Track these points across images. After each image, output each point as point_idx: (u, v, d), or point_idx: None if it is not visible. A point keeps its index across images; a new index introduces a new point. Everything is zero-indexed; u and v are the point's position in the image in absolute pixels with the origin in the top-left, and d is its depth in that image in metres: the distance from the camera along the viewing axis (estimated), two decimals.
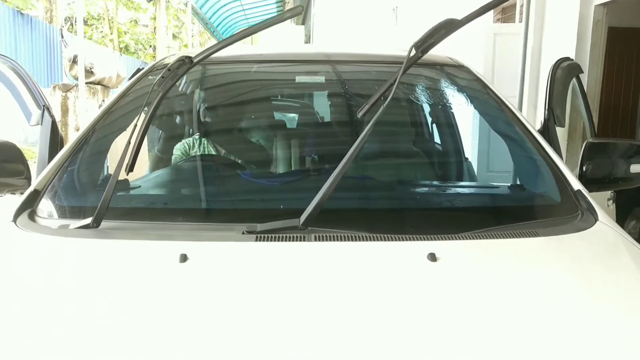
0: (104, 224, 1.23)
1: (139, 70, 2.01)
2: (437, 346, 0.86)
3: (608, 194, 2.70)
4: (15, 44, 10.81)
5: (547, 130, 2.12)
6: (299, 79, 2.13)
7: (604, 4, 4.01)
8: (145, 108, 1.32)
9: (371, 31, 9.16)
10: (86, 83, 8.90)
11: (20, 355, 0.84)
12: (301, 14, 1.14)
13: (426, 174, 1.98)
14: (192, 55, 1.28)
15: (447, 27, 1.16)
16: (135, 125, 1.27)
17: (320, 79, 2.12)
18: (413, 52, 1.20)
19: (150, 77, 1.86)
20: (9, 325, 0.91)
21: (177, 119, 2.40)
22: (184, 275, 1.05)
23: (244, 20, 15.50)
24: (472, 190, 1.65)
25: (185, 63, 1.21)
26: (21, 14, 11.45)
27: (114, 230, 1.24)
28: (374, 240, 1.17)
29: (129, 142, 1.24)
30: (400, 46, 2.07)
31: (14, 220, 1.29)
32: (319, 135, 2.05)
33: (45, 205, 1.38)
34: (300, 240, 1.16)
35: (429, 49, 1.19)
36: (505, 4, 5.41)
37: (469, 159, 2.54)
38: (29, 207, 1.36)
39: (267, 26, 1.23)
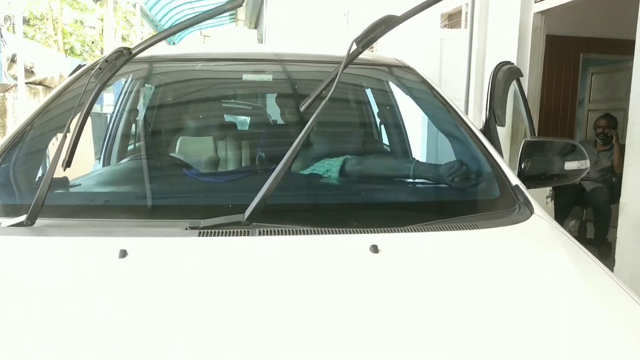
0: (40, 221, 1.19)
1: (80, 66, 1.95)
2: (377, 336, 0.87)
3: (547, 192, 2.82)
4: None
5: (488, 130, 2.20)
6: (246, 77, 2.12)
7: (542, 12, 4.21)
8: (83, 101, 1.28)
9: (323, 35, 9.23)
10: (26, 83, 8.52)
11: None
12: (241, 5, 1.13)
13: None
14: (130, 47, 1.25)
15: (386, 23, 1.19)
16: (72, 120, 1.23)
17: (268, 77, 2.12)
18: (354, 47, 1.22)
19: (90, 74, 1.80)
20: None
21: (124, 117, 2.35)
22: (123, 271, 1.02)
23: (196, 25, 15.27)
24: (414, 186, 1.69)
25: (124, 54, 1.19)
26: None
27: (50, 227, 1.19)
28: (317, 234, 1.18)
29: (64, 137, 1.20)
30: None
31: None
32: (264, 134, 2.04)
33: None
34: (245, 235, 1.16)
35: (370, 44, 1.22)
36: (452, 10, 5.59)
37: (417, 159, 2.60)
38: None
39: (207, 17, 1.22)
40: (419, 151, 2.58)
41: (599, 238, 4.66)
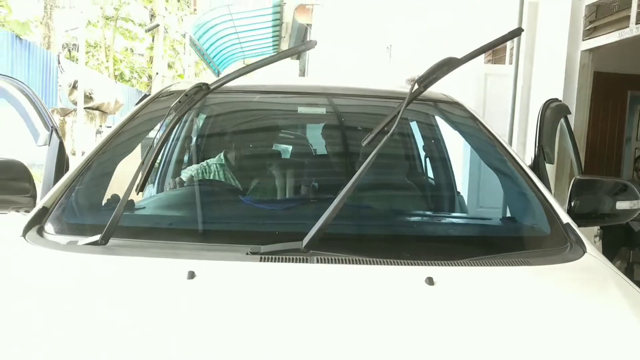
0: (112, 241, 1.27)
1: (145, 96, 2.08)
2: None
3: (595, 230, 2.78)
4: (12, 69, 10.90)
5: (537, 167, 2.20)
6: (301, 110, 2.20)
7: (589, 50, 4.20)
8: (160, 130, 1.37)
9: (365, 67, 9.37)
10: (85, 108, 8.97)
11: None
12: (314, 47, 1.21)
13: (421, 205, 2.04)
14: (209, 83, 1.35)
15: (448, 64, 1.24)
16: (150, 147, 1.33)
17: (322, 110, 2.20)
18: (416, 87, 1.27)
19: (156, 103, 1.92)
20: (21, 337, 0.94)
21: (179, 144, 2.46)
22: (192, 292, 1.09)
23: (240, 53, 15.77)
24: (466, 221, 1.72)
25: (202, 89, 1.28)
26: (19, 39, 11.59)
27: (121, 247, 1.27)
28: (373, 264, 1.22)
29: (142, 163, 1.29)
30: (394, 82, 2.16)
31: (24, 235, 1.32)
32: (319, 164, 2.11)
33: (53, 222, 1.41)
34: (303, 262, 1.20)
35: (431, 84, 1.27)
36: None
37: (461, 193, 2.61)
38: (37, 223, 1.39)
39: (282, 57, 1.30)
40: (464, 186, 2.59)
41: None
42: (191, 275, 1.11)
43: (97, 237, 1.26)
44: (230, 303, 1.06)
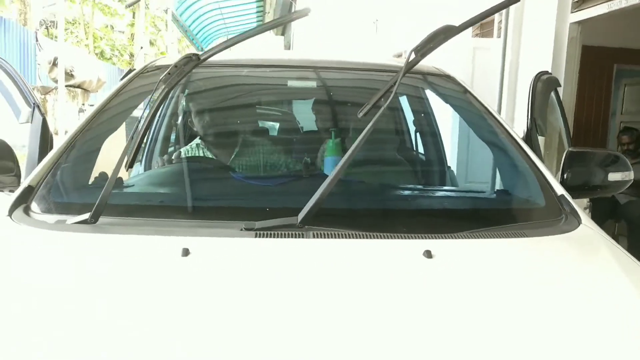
0: (101, 219, 1.24)
1: (130, 70, 2.02)
2: (434, 342, 0.89)
3: (585, 203, 2.81)
4: None
5: (529, 139, 2.20)
6: (291, 83, 2.16)
7: (578, 22, 4.18)
8: (150, 104, 1.33)
9: (351, 42, 9.27)
10: (66, 86, 8.76)
11: (19, 353, 0.83)
12: (308, 15, 1.17)
13: (412, 179, 2.03)
14: (198, 54, 1.30)
15: (445, 33, 1.21)
16: (139, 122, 1.28)
17: (313, 84, 2.16)
18: (412, 56, 1.24)
19: (142, 78, 1.86)
20: (8, 320, 0.91)
21: (165, 121, 2.41)
22: (187, 269, 1.06)
23: (224, 29, 15.50)
24: (461, 195, 1.71)
25: (192, 60, 1.23)
26: None
27: (112, 225, 1.24)
28: (370, 238, 1.20)
29: (131, 138, 1.25)
30: (381, 57, 2.12)
31: (10, 214, 1.28)
32: (311, 140, 2.07)
33: (40, 201, 1.37)
34: (298, 237, 1.18)
35: (428, 52, 1.24)
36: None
37: (451, 168, 2.60)
38: (23, 202, 1.35)
39: (271, 27, 1.26)
40: (455, 160, 2.59)
41: (633, 251, 4.57)
42: (185, 252, 1.09)
43: (86, 216, 1.23)
44: (226, 280, 1.04)
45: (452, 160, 3.14)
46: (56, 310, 0.92)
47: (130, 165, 1.28)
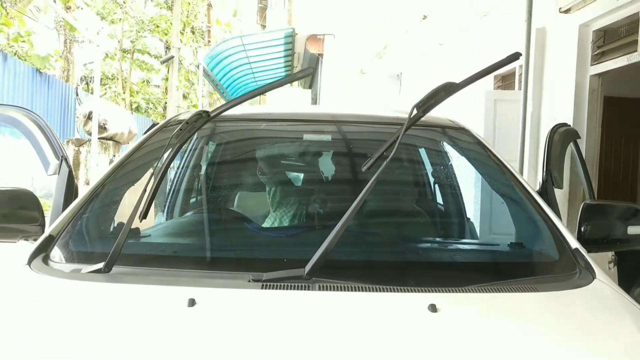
0: (115, 269, 1.28)
1: (153, 125, 2.11)
2: None
3: (609, 257, 2.72)
4: (32, 101, 11.23)
5: (545, 192, 2.18)
6: (306, 137, 2.22)
7: (598, 75, 4.19)
8: (162, 158, 1.39)
9: (376, 95, 9.45)
10: (99, 138, 9.14)
11: None
12: (311, 74, 1.23)
13: (430, 231, 2.02)
14: (209, 111, 1.37)
15: (446, 90, 1.25)
16: (152, 175, 1.34)
17: (326, 137, 2.21)
18: (415, 112, 1.28)
19: (164, 132, 1.95)
20: None
21: (188, 173, 2.48)
22: (192, 319, 1.08)
23: (253, 83, 16.01)
24: (472, 247, 1.69)
25: (202, 117, 1.30)
26: (39, 72, 11.94)
27: (124, 275, 1.28)
28: (376, 291, 1.20)
29: (144, 191, 1.30)
30: (401, 109, 2.16)
31: (29, 263, 1.33)
32: (323, 191, 2.11)
33: (59, 250, 1.42)
34: (305, 289, 1.19)
35: (430, 109, 1.28)
36: (505, 72, 5.63)
37: (471, 220, 2.58)
38: (43, 251, 1.40)
39: (278, 85, 1.32)
40: (475, 213, 2.57)
41: None
42: (191, 302, 1.11)
43: (100, 265, 1.27)
44: (231, 331, 1.05)
45: (475, 212, 3.10)
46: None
47: (144, 217, 1.33)
